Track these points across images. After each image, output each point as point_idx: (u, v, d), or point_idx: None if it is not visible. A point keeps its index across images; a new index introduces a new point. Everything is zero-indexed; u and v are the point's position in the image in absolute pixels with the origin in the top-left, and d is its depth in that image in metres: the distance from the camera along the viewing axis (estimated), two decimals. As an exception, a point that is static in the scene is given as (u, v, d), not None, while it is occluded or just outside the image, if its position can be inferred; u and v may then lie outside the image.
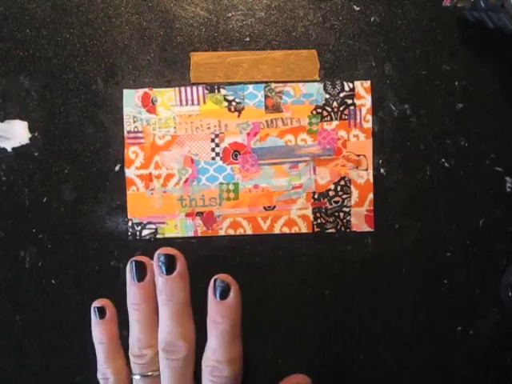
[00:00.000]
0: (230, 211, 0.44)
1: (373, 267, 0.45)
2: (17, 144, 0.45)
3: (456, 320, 0.45)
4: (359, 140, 0.45)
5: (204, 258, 0.45)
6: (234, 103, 0.44)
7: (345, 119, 0.44)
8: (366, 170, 0.44)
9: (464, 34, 0.45)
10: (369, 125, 0.44)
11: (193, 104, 0.44)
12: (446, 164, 0.45)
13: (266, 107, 0.44)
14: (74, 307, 0.46)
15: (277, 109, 0.44)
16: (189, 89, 0.44)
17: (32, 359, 0.46)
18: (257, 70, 0.44)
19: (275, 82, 0.44)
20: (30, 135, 0.45)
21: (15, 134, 0.45)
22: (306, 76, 0.45)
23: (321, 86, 0.44)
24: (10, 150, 0.45)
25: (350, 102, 0.45)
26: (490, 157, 0.45)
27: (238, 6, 0.45)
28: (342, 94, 0.44)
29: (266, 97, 0.44)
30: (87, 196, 0.45)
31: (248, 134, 0.44)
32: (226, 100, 0.44)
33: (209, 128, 0.44)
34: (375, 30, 0.45)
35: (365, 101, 0.45)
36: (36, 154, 0.45)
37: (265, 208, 0.44)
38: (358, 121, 0.45)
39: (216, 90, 0.44)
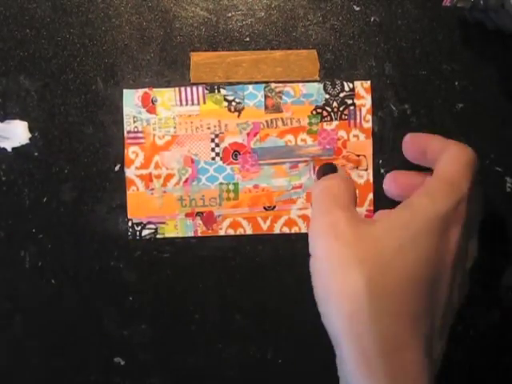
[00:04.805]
0: (229, 211, 0.44)
1: (373, 267, 0.45)
2: (17, 144, 0.45)
3: (456, 320, 0.45)
4: (359, 140, 0.44)
5: (204, 257, 0.45)
6: (233, 103, 0.44)
7: (345, 119, 0.44)
8: (366, 170, 0.44)
9: (464, 34, 0.45)
10: (369, 125, 0.44)
11: (193, 104, 0.44)
12: (446, 164, 0.45)
13: (266, 107, 0.44)
14: (74, 307, 0.46)
15: (277, 109, 0.44)
16: (189, 89, 0.44)
17: (32, 359, 0.46)
18: (257, 70, 0.44)
19: (275, 82, 0.44)
20: (29, 135, 0.45)
21: (15, 133, 0.45)
22: (306, 76, 0.45)
23: (321, 86, 0.44)
24: (9, 150, 0.45)
25: (349, 102, 0.44)
26: (490, 157, 0.45)
27: (238, 5, 0.45)
28: (341, 94, 0.44)
29: (266, 97, 0.44)
30: (87, 196, 0.45)
31: (248, 134, 0.44)
32: (226, 100, 0.44)
33: (209, 128, 0.44)
34: (375, 30, 0.45)
35: (365, 101, 0.44)
36: (36, 154, 0.45)
37: (265, 208, 0.44)
38: (357, 121, 0.44)
39: (216, 90, 0.44)
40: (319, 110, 0.44)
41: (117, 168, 0.45)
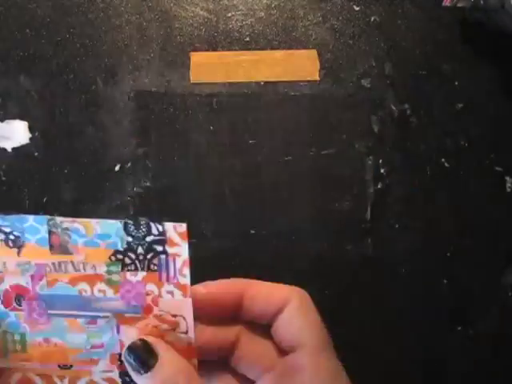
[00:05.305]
0: (18, 365, 0.36)
1: (373, 267, 0.45)
2: (17, 144, 0.45)
3: (456, 320, 0.45)
4: (174, 298, 0.35)
5: (204, 257, 0.45)
6: (12, 236, 0.35)
7: (154, 270, 0.35)
8: (186, 332, 0.35)
9: (464, 34, 0.45)
10: (186, 280, 0.35)
11: None
12: (446, 164, 0.45)
13: (52, 246, 0.35)
14: (74, 307, 0.46)
15: (65, 250, 0.36)
16: None
17: (32, 359, 0.46)
18: (257, 70, 0.44)
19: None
20: (30, 135, 0.45)
21: (15, 133, 0.45)
22: (306, 76, 0.45)
23: (120, 226, 0.36)
24: (9, 150, 0.45)
25: (160, 249, 0.35)
26: (490, 157, 0.45)
27: (238, 5, 0.45)
28: (148, 238, 0.35)
29: (51, 233, 0.36)
30: (87, 196, 0.45)
31: (32, 277, 0.36)
32: (2, 232, 0.35)
33: None
34: (375, 30, 0.45)
35: (180, 249, 0.35)
36: (36, 154, 0.45)
37: (60, 366, 0.36)
38: (171, 274, 0.36)
39: None
40: (120, 256, 0.35)
41: (117, 168, 0.45)
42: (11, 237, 0.35)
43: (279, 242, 0.45)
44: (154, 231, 0.35)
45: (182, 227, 0.34)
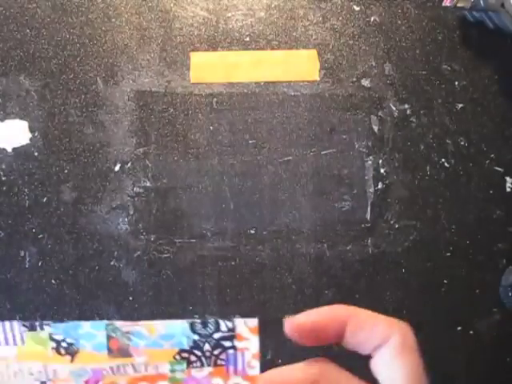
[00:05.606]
0: None
1: (373, 267, 0.45)
2: (17, 144, 0.45)
3: (456, 320, 0.45)
4: None
5: (204, 257, 0.45)
6: (64, 344, 0.35)
7: (221, 365, 0.35)
8: None
9: (464, 34, 0.45)
10: (255, 372, 0.35)
11: (7, 344, 0.35)
12: (446, 164, 0.45)
13: (110, 350, 0.35)
14: (74, 307, 0.46)
15: (125, 353, 0.34)
16: (1, 325, 0.35)
17: (32, 359, 0.46)
18: (257, 70, 0.44)
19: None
20: (30, 135, 0.45)
21: (15, 134, 0.45)
22: (306, 76, 0.45)
23: (187, 325, 0.35)
24: (9, 150, 0.45)
25: (228, 344, 0.35)
26: (490, 157, 0.45)
27: (238, 5, 0.45)
28: (216, 335, 0.35)
29: (110, 337, 0.35)
30: (87, 196, 0.45)
31: (87, 382, 0.34)
32: (52, 340, 0.35)
33: (31, 374, 0.34)
34: (375, 30, 0.45)
35: (249, 343, 0.35)
36: (36, 153, 0.45)
37: None
38: (239, 367, 0.35)
39: (38, 328, 0.35)
40: (185, 355, 0.35)
41: (117, 168, 0.45)
42: (64, 344, 0.34)
43: (279, 242, 0.45)
44: (223, 328, 0.35)
45: (253, 322, 0.34)
